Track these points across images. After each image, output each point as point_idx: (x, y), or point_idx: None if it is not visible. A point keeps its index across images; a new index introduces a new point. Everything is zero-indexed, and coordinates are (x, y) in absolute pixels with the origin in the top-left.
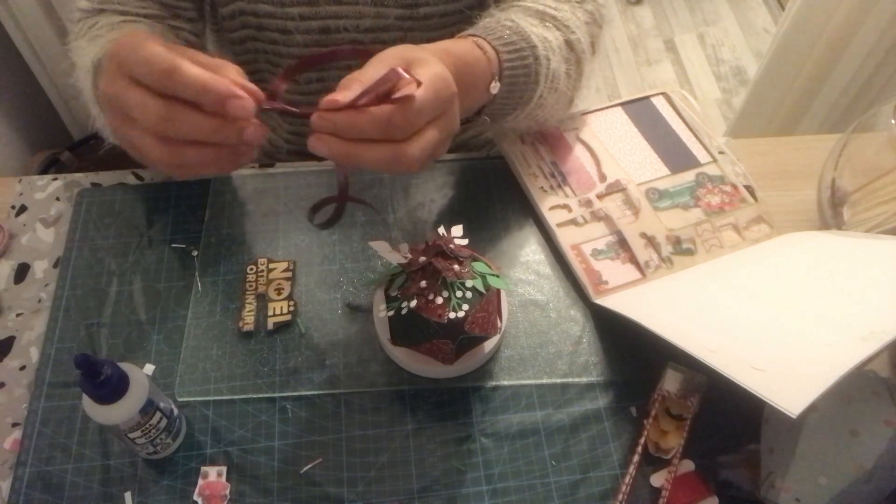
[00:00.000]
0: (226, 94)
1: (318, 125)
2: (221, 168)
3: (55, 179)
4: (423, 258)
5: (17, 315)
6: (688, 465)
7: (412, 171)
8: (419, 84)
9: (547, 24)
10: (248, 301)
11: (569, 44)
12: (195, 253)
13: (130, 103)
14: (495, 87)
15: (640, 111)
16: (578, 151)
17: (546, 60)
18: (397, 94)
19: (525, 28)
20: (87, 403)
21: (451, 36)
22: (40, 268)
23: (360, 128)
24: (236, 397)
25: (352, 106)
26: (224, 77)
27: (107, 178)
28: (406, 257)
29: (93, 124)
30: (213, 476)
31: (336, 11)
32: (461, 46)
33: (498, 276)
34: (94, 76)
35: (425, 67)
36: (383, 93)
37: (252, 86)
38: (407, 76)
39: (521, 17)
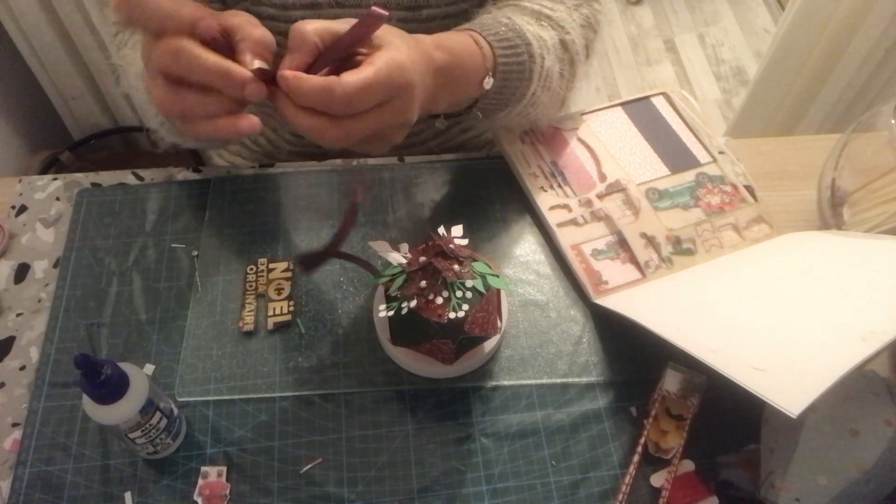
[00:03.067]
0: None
1: (273, 96)
2: (218, 128)
3: (55, 179)
4: (423, 258)
5: (17, 315)
6: (688, 465)
7: (335, 147)
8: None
9: (542, 23)
10: (248, 301)
11: (563, 44)
12: (195, 253)
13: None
14: (489, 83)
15: (640, 111)
16: (578, 151)
17: (540, 58)
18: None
19: (521, 26)
20: (87, 403)
21: None
22: (40, 268)
23: (302, 94)
24: (236, 397)
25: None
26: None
27: (107, 178)
28: (406, 257)
29: (146, 125)
30: (213, 476)
31: (338, 14)
32: (457, 40)
33: (498, 276)
34: None
35: (385, 51)
36: (348, 35)
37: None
38: (374, 10)
39: (518, 16)
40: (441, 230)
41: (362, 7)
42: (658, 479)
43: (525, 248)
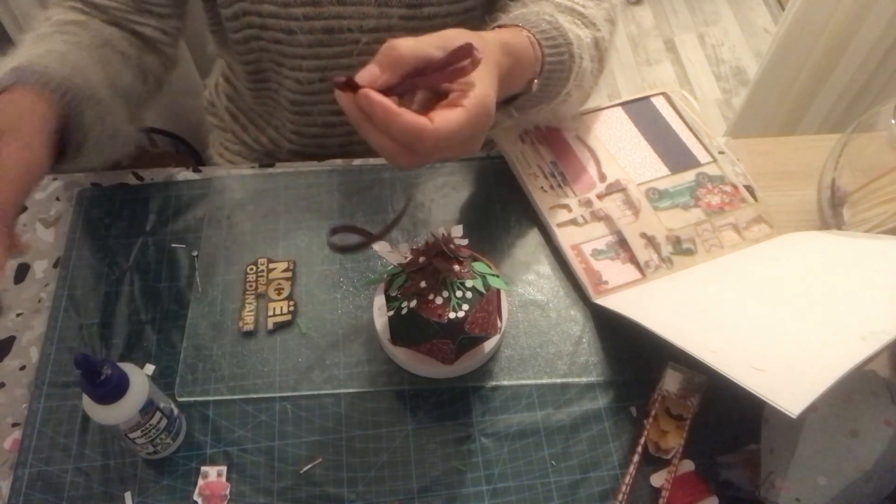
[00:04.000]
0: None
1: (351, 104)
2: None
3: (55, 179)
4: (423, 258)
5: (17, 315)
6: (688, 465)
7: (400, 169)
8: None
9: (577, 20)
10: (248, 301)
11: (596, 42)
12: (195, 253)
13: None
14: (536, 85)
15: (640, 111)
16: (578, 151)
17: (579, 58)
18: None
19: (563, 24)
20: (87, 403)
21: None
22: (40, 268)
23: (391, 129)
24: (236, 397)
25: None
26: None
27: (107, 178)
28: (406, 257)
29: None
30: (213, 476)
31: (340, 12)
32: (519, 42)
33: (498, 276)
34: None
35: (476, 89)
36: (440, 65)
37: None
38: (476, 55)
39: (557, 13)
40: (441, 230)
41: (364, 5)
42: (658, 479)
43: (525, 248)
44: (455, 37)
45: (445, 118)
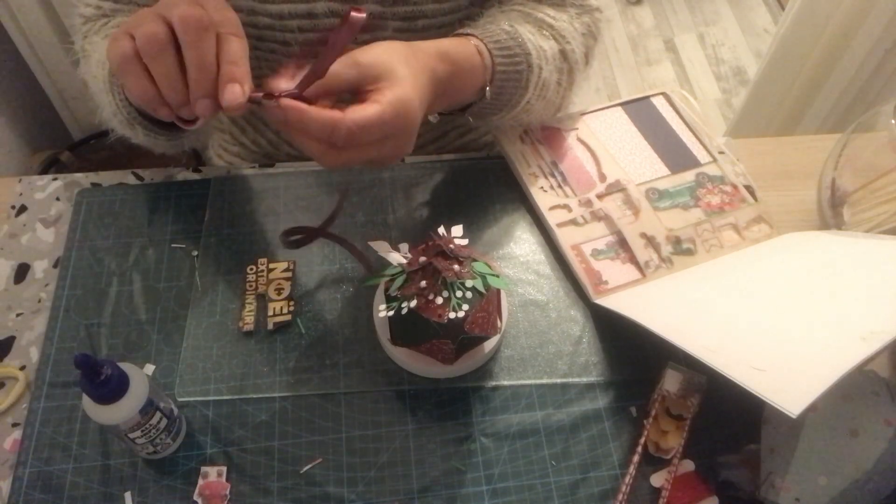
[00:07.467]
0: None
1: (274, 116)
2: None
3: (55, 179)
4: (423, 258)
5: (17, 315)
6: (688, 465)
7: (330, 169)
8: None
9: (544, 32)
10: (248, 301)
11: (563, 54)
12: (195, 253)
13: (141, 20)
14: (489, 93)
15: (640, 111)
16: (578, 151)
17: (538, 69)
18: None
19: (522, 34)
20: (87, 403)
21: None
22: (40, 268)
23: (305, 126)
24: (236, 397)
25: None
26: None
27: (107, 178)
28: (406, 257)
29: (99, 116)
30: (213, 476)
31: (336, 24)
32: (461, 50)
33: (498, 276)
34: None
35: (393, 89)
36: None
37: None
38: (361, 16)
39: (520, 24)
40: (441, 230)
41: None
42: (658, 479)
43: (525, 248)
44: (367, 59)
45: (357, 109)
